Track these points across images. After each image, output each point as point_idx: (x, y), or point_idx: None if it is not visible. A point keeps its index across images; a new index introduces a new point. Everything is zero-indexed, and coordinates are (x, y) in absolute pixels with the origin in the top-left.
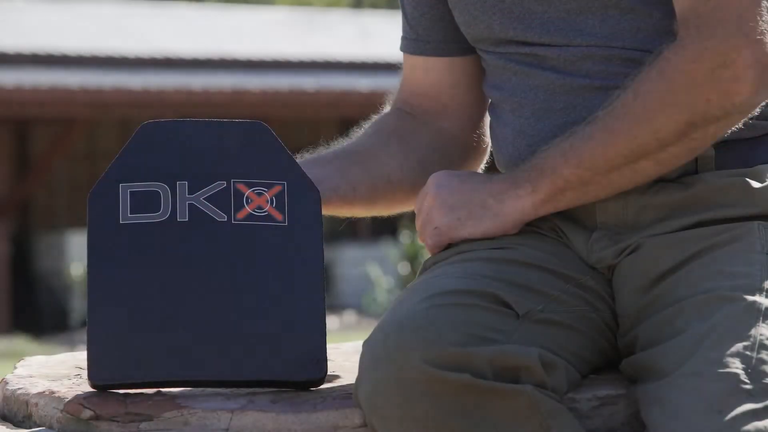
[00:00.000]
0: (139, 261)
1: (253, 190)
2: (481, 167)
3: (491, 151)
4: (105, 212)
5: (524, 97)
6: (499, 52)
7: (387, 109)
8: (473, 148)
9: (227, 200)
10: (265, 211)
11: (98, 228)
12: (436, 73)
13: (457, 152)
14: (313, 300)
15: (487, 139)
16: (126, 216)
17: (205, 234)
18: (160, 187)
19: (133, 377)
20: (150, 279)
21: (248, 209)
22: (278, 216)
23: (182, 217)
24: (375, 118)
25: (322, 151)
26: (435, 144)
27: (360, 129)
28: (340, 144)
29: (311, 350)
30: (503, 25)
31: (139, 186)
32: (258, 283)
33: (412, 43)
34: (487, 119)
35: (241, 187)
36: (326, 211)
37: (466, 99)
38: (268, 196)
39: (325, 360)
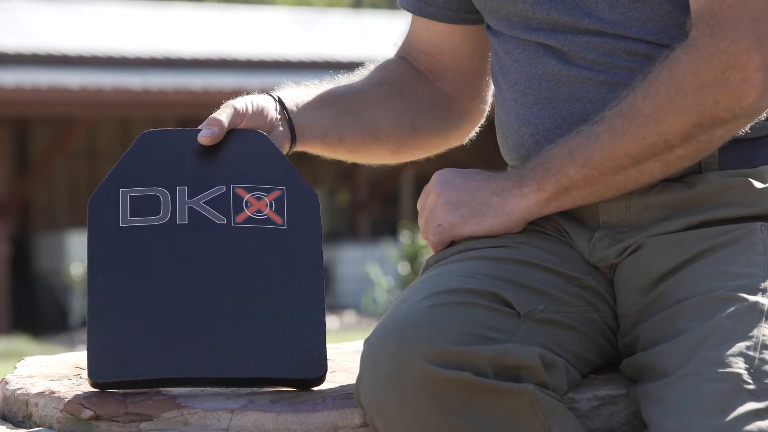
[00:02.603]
0: (139, 263)
1: (253, 195)
2: (473, 132)
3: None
4: (105, 216)
5: (528, 86)
6: (506, 34)
7: (393, 55)
8: (468, 113)
9: (227, 204)
10: (264, 215)
11: (98, 231)
12: (436, 35)
13: (452, 115)
14: (312, 300)
15: (486, 107)
16: (126, 219)
17: (205, 236)
18: (160, 192)
19: (133, 375)
20: (150, 280)
21: (248, 213)
22: (278, 219)
23: (182, 220)
24: (383, 63)
25: (327, 86)
26: (433, 104)
27: (366, 70)
28: (345, 84)
29: (311, 349)
30: None
31: (139, 191)
32: (258, 284)
33: (413, 2)
34: (490, 87)
35: (240, 191)
36: (302, 149)
37: (465, 65)
38: (267, 200)
39: (325, 359)
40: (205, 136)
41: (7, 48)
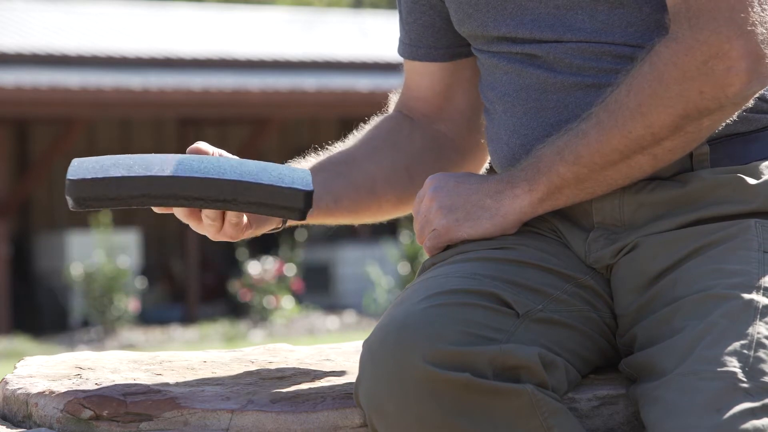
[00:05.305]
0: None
1: None
2: (483, 170)
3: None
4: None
5: (516, 97)
6: (492, 51)
7: (389, 110)
8: (470, 151)
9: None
10: None
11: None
12: (429, 77)
13: (453, 155)
14: (300, 168)
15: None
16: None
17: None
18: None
19: (113, 173)
20: (137, 155)
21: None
22: None
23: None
24: (375, 120)
25: (311, 160)
26: (429, 148)
27: (357, 131)
28: (330, 151)
29: (300, 176)
30: (497, 22)
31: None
32: (248, 161)
33: (407, 48)
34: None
35: None
36: (309, 221)
37: (461, 102)
38: None
39: (311, 193)
40: (195, 145)
41: (7, 48)
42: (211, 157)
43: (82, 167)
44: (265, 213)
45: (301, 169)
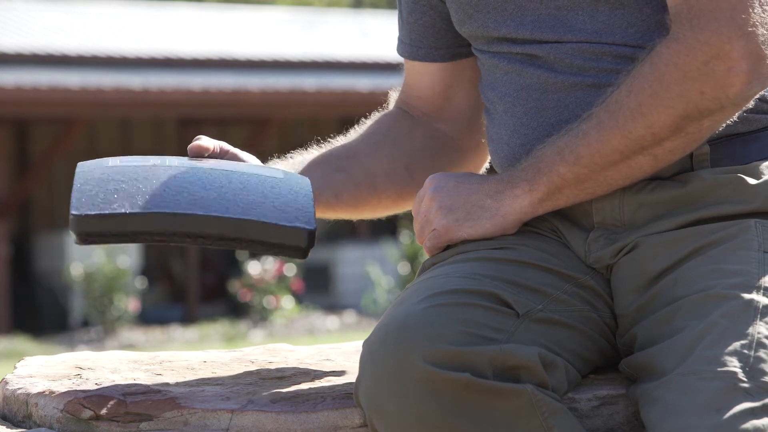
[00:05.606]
0: (127, 164)
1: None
2: (483, 170)
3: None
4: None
5: (517, 97)
6: (493, 51)
7: (390, 107)
8: (471, 150)
9: None
10: None
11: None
12: (429, 76)
13: (453, 154)
14: (302, 188)
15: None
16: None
17: (195, 164)
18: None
19: (118, 209)
20: (141, 168)
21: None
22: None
23: (171, 162)
24: (376, 116)
25: (313, 152)
26: (429, 146)
27: (358, 127)
28: (332, 145)
29: (303, 209)
30: (497, 23)
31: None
32: (251, 177)
33: (406, 48)
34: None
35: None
36: None
37: (461, 102)
38: None
39: (314, 222)
40: (195, 142)
41: (7, 48)
42: (215, 177)
43: (86, 194)
44: (268, 253)
45: (302, 194)
